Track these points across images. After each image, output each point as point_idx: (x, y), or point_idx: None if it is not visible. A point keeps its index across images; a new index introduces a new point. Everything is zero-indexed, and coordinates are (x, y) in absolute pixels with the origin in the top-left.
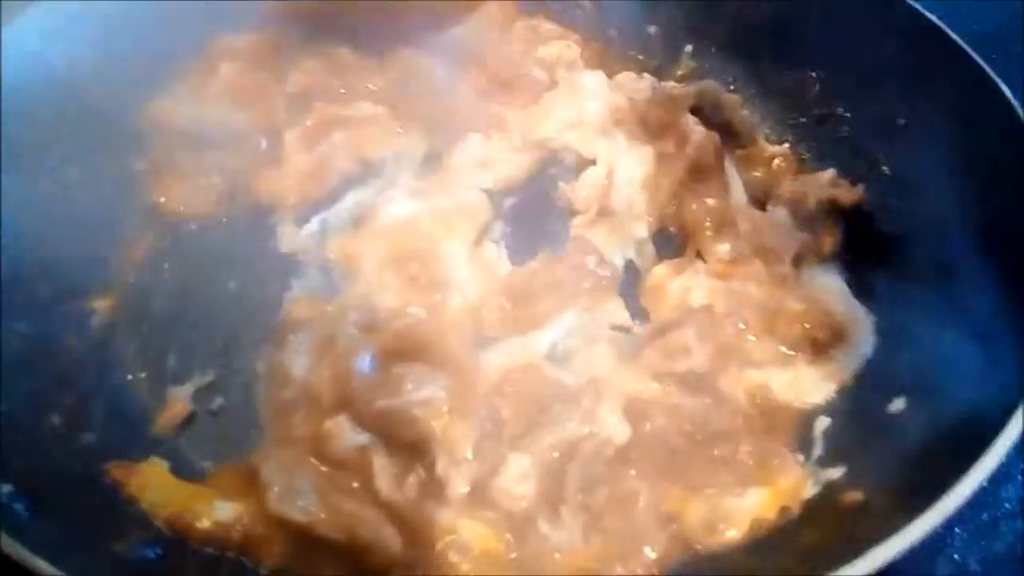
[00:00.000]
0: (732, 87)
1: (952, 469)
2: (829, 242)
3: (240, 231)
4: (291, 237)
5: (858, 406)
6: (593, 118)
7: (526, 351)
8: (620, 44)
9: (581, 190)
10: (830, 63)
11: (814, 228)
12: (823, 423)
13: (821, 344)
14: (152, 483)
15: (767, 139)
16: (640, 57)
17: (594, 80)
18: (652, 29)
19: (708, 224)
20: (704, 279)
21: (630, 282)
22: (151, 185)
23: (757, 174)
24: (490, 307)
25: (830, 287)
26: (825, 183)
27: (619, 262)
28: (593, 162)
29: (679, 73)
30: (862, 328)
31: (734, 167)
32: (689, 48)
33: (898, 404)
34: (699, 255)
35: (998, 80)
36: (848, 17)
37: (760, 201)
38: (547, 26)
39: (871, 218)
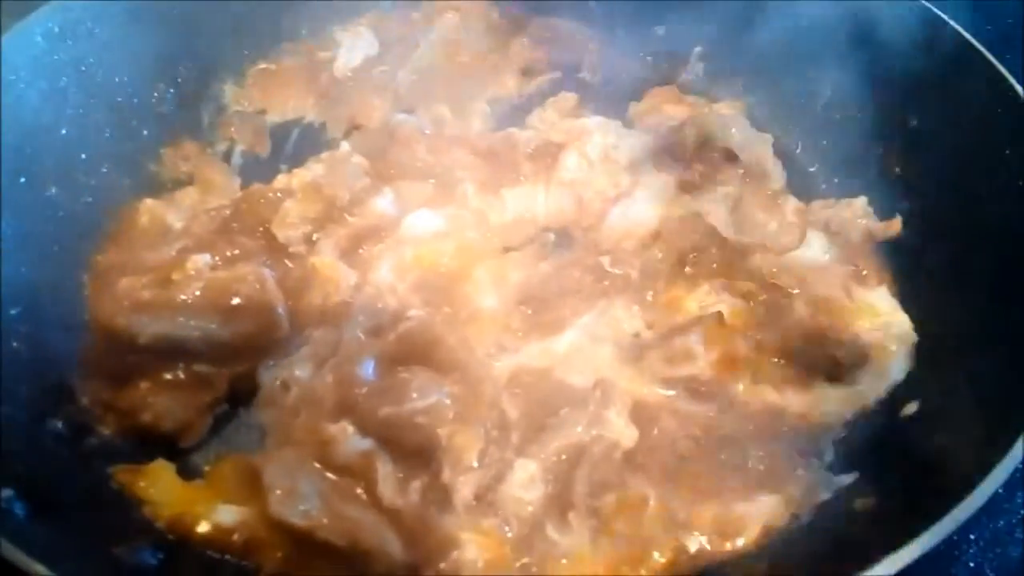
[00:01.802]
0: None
1: (966, 475)
2: (875, 273)
3: None
4: None
5: (870, 410)
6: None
7: (546, 355)
8: (628, 46)
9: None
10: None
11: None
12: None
13: (843, 366)
14: (158, 484)
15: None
16: (648, 59)
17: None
18: (660, 30)
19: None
20: (727, 296)
21: (644, 288)
22: None
23: None
24: (512, 313)
25: (877, 307)
26: (859, 213)
27: (634, 269)
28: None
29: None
30: (897, 350)
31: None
32: (698, 50)
33: (910, 408)
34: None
35: (1012, 79)
36: (860, 19)
37: None
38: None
39: None
